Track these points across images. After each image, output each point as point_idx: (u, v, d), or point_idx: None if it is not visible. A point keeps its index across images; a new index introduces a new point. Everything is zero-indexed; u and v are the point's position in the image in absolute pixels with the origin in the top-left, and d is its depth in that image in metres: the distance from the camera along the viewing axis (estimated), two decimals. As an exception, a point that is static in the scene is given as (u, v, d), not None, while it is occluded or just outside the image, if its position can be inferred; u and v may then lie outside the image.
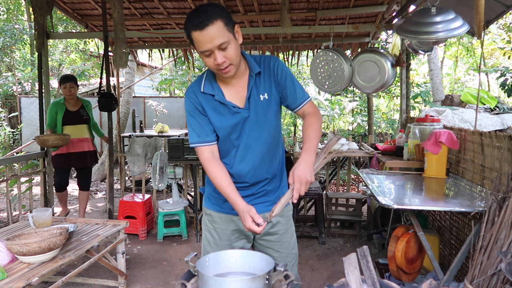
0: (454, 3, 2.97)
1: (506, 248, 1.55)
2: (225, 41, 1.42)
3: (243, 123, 1.61)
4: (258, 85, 1.61)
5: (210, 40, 1.41)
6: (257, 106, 1.61)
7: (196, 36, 1.42)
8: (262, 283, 1.32)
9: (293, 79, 1.64)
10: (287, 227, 1.78)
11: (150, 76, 12.79)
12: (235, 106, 1.60)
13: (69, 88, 4.23)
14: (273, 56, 1.66)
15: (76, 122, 4.31)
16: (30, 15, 9.14)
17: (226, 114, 1.61)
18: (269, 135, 1.65)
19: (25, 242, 2.07)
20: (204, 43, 1.42)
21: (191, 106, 1.63)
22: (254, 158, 1.65)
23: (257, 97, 1.60)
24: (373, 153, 3.85)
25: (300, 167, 1.48)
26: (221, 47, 1.43)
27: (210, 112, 1.62)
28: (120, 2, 3.99)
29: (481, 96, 4.07)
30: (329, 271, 3.34)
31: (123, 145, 5.98)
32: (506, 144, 2.05)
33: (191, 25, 1.41)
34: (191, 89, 1.64)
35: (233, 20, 1.49)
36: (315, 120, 1.63)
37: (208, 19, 1.39)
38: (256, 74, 1.59)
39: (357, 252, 1.44)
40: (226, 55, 1.45)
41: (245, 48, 6.20)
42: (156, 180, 4.19)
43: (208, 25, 1.39)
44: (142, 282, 3.17)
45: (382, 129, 10.22)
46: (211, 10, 1.41)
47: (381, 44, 7.02)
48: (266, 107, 1.62)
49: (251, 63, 1.60)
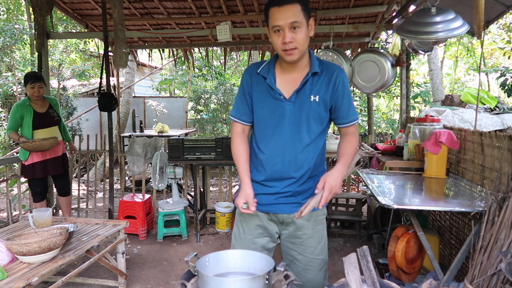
0: (454, 3, 2.97)
1: (506, 248, 1.55)
2: (298, 21, 1.49)
3: (282, 113, 1.63)
4: (313, 84, 1.62)
5: (284, 17, 1.48)
6: (303, 103, 1.62)
7: (272, 12, 1.50)
8: (262, 283, 1.32)
9: (350, 96, 1.67)
10: (314, 232, 1.76)
11: (150, 76, 12.79)
12: (281, 94, 1.62)
13: (37, 89, 3.79)
14: (339, 67, 1.68)
15: (47, 125, 3.92)
16: (30, 15, 9.12)
17: (270, 100, 1.64)
18: (308, 137, 1.65)
19: (25, 242, 2.07)
20: (279, 19, 1.49)
21: (242, 85, 1.71)
22: (286, 153, 1.65)
23: (307, 96, 1.61)
24: (373, 153, 3.85)
25: (334, 176, 1.53)
26: (292, 25, 1.49)
27: (256, 94, 1.67)
28: (120, 2, 3.99)
29: (481, 96, 4.08)
30: (329, 271, 3.32)
31: (123, 145, 5.99)
32: (506, 144, 2.05)
33: (272, 1, 1.51)
34: (249, 69, 1.71)
35: (310, 11, 1.56)
36: (356, 141, 1.68)
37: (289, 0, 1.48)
38: (313, 74, 1.61)
39: (357, 252, 1.44)
40: (295, 37, 1.50)
41: (245, 48, 6.21)
42: (156, 180, 4.19)
43: (287, 3, 1.48)
44: (142, 282, 3.17)
45: (382, 129, 10.22)
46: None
47: (381, 44, 7.02)
48: (312, 108, 1.62)
49: (313, 61, 1.62)
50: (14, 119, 3.79)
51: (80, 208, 4.95)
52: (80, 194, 5.69)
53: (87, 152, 4.98)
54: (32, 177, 3.91)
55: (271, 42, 1.59)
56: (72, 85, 10.24)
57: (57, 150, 3.97)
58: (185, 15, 4.83)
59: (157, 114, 9.70)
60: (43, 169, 3.88)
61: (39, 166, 3.85)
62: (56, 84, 8.26)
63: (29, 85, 3.77)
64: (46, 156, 3.87)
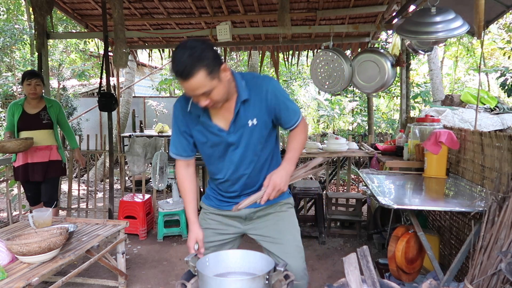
0: (454, 3, 2.97)
1: (506, 248, 1.55)
2: (208, 90, 1.43)
3: (225, 145, 1.64)
4: (247, 110, 1.59)
5: (192, 89, 1.43)
6: (243, 131, 1.61)
7: (180, 83, 1.45)
8: (262, 283, 1.32)
9: (286, 102, 1.63)
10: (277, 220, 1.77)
11: (150, 76, 12.79)
12: (220, 129, 1.61)
13: (34, 85, 3.54)
14: (266, 78, 1.63)
15: (33, 127, 3.59)
16: (30, 15, 9.12)
17: (209, 134, 1.64)
18: (255, 157, 1.67)
19: (25, 242, 2.07)
20: (188, 90, 1.45)
21: (177, 123, 1.69)
22: (238, 176, 1.69)
23: (245, 122, 1.60)
24: (373, 153, 3.85)
25: (278, 173, 1.56)
26: (204, 94, 1.45)
27: (194, 130, 1.67)
28: (120, 2, 3.99)
29: (481, 96, 4.08)
30: (329, 271, 3.33)
31: (123, 145, 5.99)
32: (506, 144, 2.05)
33: (174, 71, 1.42)
34: (179, 106, 1.67)
35: (219, 60, 1.46)
36: (301, 133, 1.68)
37: (190, 70, 1.38)
38: (242, 102, 1.58)
39: (357, 252, 1.44)
40: (211, 98, 1.47)
41: (245, 48, 6.21)
42: (156, 180, 4.19)
43: (190, 77, 1.39)
44: (142, 282, 3.17)
45: (382, 129, 10.22)
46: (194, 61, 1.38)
47: (381, 44, 7.02)
48: (253, 132, 1.62)
49: (240, 88, 1.57)
50: (8, 118, 3.66)
51: (80, 208, 4.95)
52: (80, 194, 5.70)
53: (87, 152, 4.98)
54: (17, 179, 3.74)
55: None
56: (72, 85, 10.24)
57: (42, 155, 3.61)
58: (185, 15, 4.83)
59: (157, 114, 9.70)
60: (24, 173, 3.60)
61: (22, 170, 3.60)
62: (56, 84, 8.25)
63: (26, 82, 3.56)
64: (28, 160, 3.58)
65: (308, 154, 4.19)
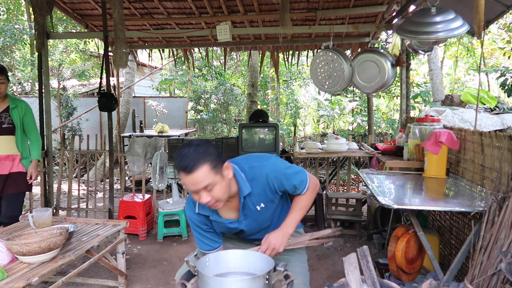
0: (454, 3, 2.97)
1: (506, 248, 1.55)
2: (210, 183, 1.46)
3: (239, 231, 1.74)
4: (252, 200, 1.65)
5: (195, 184, 1.46)
6: (252, 215, 1.69)
7: (182, 177, 1.48)
8: (262, 283, 1.32)
9: (289, 177, 1.65)
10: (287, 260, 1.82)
11: (150, 76, 12.79)
12: (231, 221, 1.69)
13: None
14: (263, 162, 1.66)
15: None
16: (30, 15, 9.13)
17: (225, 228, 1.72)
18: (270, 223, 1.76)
19: (25, 242, 2.07)
20: (189, 185, 1.48)
21: (192, 223, 1.73)
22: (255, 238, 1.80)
23: (253, 208, 1.66)
24: (373, 153, 3.85)
25: (276, 234, 1.62)
26: (206, 189, 1.47)
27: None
28: (120, 2, 3.98)
29: (481, 96, 4.08)
30: (329, 271, 3.33)
31: (123, 145, 5.99)
32: (506, 144, 2.05)
33: (179, 166, 1.47)
34: (189, 209, 1.72)
35: (222, 159, 1.53)
36: (306, 196, 1.71)
37: (194, 164, 1.43)
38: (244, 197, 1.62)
39: (357, 252, 1.44)
40: (212, 194, 1.49)
41: (245, 48, 6.21)
42: (156, 180, 4.19)
43: (193, 171, 1.43)
44: (142, 282, 3.17)
45: (382, 129, 10.22)
46: (198, 155, 1.45)
47: (381, 44, 7.02)
48: (262, 214, 1.70)
49: (241, 183, 1.62)
50: None
51: (80, 208, 4.95)
52: (80, 194, 5.70)
53: (87, 152, 4.98)
54: None
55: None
56: (72, 85, 10.24)
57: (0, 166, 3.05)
58: (185, 15, 4.83)
59: (157, 114, 9.70)
60: None
61: None
62: (56, 84, 8.25)
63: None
64: None
65: (308, 154, 4.19)
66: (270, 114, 11.78)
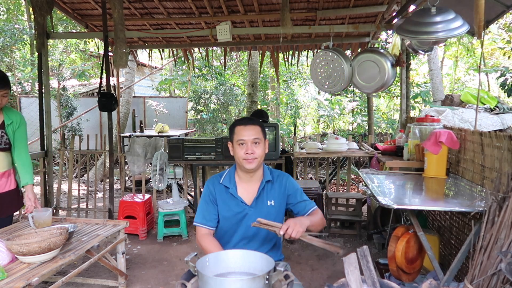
0: (454, 3, 2.97)
1: (506, 248, 1.55)
2: (259, 138, 1.90)
3: (243, 216, 1.94)
4: (268, 191, 1.97)
5: (248, 134, 1.89)
6: (262, 208, 1.94)
7: (239, 129, 1.91)
8: (262, 283, 1.32)
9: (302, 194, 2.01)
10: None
11: (150, 76, 12.80)
12: (243, 202, 1.94)
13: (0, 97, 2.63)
14: (285, 174, 2.05)
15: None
16: (30, 15, 9.14)
17: (233, 205, 1.95)
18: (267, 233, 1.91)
19: (25, 242, 2.06)
20: (244, 135, 1.89)
21: (206, 194, 1.99)
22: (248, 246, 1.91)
23: (265, 201, 1.95)
24: (373, 153, 3.85)
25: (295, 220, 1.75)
26: (254, 140, 1.89)
27: (220, 202, 1.96)
28: (120, 2, 3.98)
29: (481, 96, 4.08)
30: (329, 271, 3.33)
31: (123, 145, 5.99)
32: (506, 144, 2.05)
33: (238, 122, 1.94)
34: (212, 180, 2.02)
35: (266, 134, 2.00)
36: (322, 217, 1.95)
37: (252, 122, 1.94)
38: (267, 182, 1.96)
39: (357, 252, 1.44)
40: (255, 150, 1.88)
41: (245, 48, 6.21)
42: (156, 180, 4.19)
43: (251, 124, 1.92)
44: (142, 282, 3.17)
45: (382, 129, 10.23)
46: (256, 120, 1.98)
47: (381, 44, 7.02)
48: (269, 212, 1.93)
49: (265, 172, 1.99)
50: None
51: (80, 208, 4.95)
52: (80, 194, 5.70)
53: (87, 152, 4.98)
54: None
55: (233, 154, 1.94)
56: (72, 85, 10.24)
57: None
58: (185, 15, 4.83)
59: (157, 114, 9.70)
60: None
61: None
62: (56, 84, 8.26)
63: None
64: None
65: (308, 154, 4.19)
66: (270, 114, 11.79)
